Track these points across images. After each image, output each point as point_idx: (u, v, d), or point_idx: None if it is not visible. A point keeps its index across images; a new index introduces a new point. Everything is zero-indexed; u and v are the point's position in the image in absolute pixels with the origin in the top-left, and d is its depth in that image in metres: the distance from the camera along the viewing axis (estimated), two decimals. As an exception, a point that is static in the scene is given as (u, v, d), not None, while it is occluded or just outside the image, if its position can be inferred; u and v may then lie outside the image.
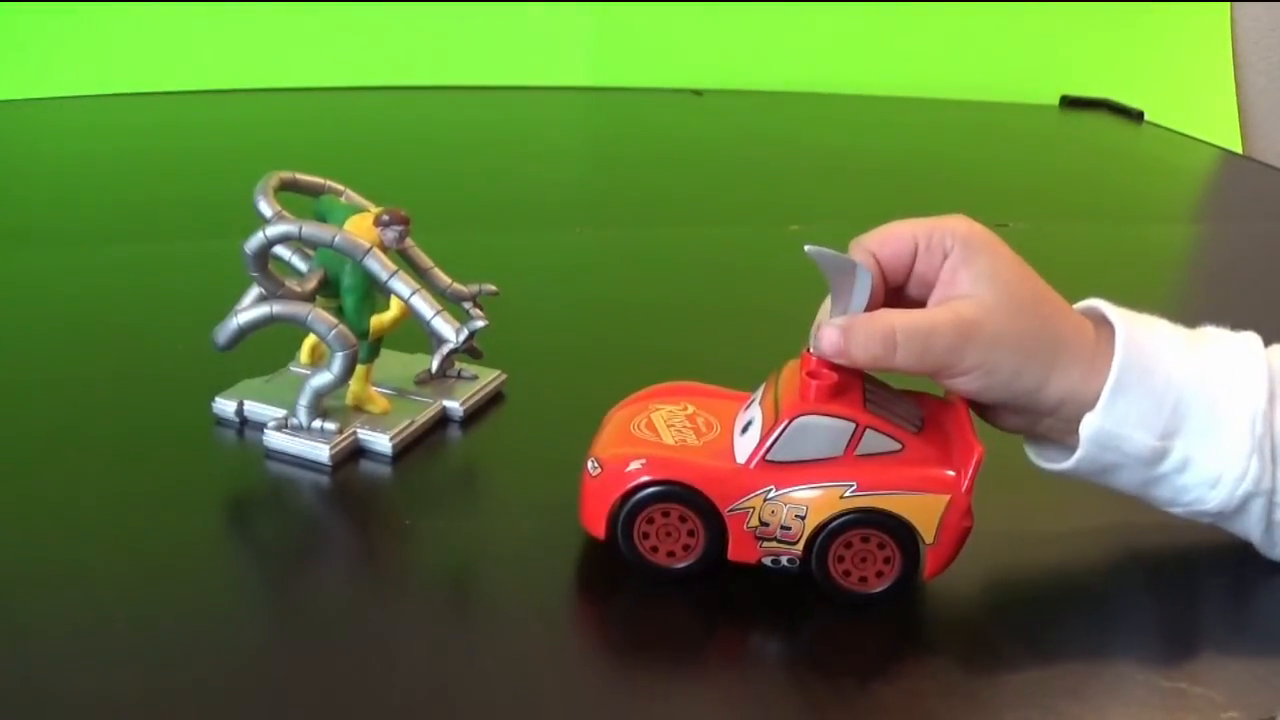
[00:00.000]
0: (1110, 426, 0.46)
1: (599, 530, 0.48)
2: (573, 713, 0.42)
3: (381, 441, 0.57)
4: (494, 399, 0.63)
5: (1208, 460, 0.47)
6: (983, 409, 0.49)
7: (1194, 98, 1.73)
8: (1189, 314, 0.51)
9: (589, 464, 0.49)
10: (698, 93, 1.50)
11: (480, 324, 0.58)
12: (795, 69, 1.57)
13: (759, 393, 0.50)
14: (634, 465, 0.47)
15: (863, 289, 0.46)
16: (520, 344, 0.67)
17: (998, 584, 0.51)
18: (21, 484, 0.53)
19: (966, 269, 0.46)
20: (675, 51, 1.53)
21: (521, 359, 0.65)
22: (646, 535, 0.48)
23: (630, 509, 0.47)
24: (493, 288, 0.62)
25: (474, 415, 0.62)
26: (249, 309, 0.54)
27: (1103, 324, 0.48)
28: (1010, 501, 0.52)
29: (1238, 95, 1.75)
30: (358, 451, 0.57)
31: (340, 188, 0.62)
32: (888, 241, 0.48)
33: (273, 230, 0.53)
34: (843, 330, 0.46)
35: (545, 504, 0.53)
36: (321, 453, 0.55)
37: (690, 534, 0.47)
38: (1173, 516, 0.50)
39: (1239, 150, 1.70)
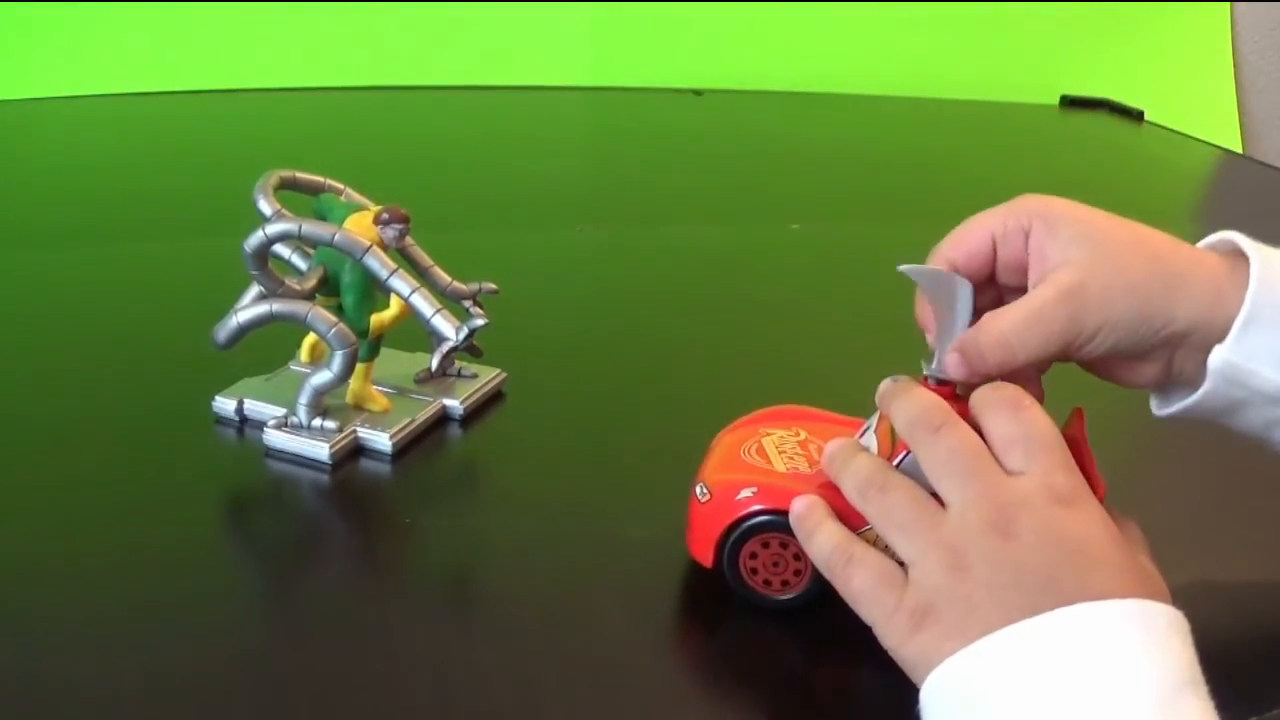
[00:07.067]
0: (1239, 360, 0.44)
1: (706, 559, 0.47)
2: (571, 712, 0.42)
3: (381, 440, 0.57)
4: (494, 397, 0.63)
5: None
6: (1115, 369, 0.47)
7: (1194, 98, 1.72)
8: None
9: (697, 489, 0.47)
10: (698, 93, 1.50)
11: (480, 322, 0.58)
12: (795, 69, 1.56)
13: (874, 420, 0.47)
14: (745, 493, 0.46)
15: (965, 302, 0.45)
16: (520, 342, 0.67)
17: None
18: (21, 481, 0.53)
19: (1052, 240, 0.45)
20: (675, 51, 1.53)
21: (522, 357, 0.65)
22: (753, 564, 0.46)
23: (738, 537, 0.46)
24: (493, 286, 0.62)
25: (474, 414, 0.62)
26: (249, 307, 0.54)
27: (1235, 255, 0.47)
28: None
29: (1238, 95, 1.75)
30: (358, 450, 0.57)
31: (340, 186, 0.62)
32: (961, 244, 0.47)
33: (272, 228, 0.53)
34: (960, 354, 0.45)
35: (545, 502, 0.53)
36: (321, 451, 0.55)
37: (798, 564, 0.46)
38: (1173, 527, 0.49)
39: (1239, 150, 1.70)
